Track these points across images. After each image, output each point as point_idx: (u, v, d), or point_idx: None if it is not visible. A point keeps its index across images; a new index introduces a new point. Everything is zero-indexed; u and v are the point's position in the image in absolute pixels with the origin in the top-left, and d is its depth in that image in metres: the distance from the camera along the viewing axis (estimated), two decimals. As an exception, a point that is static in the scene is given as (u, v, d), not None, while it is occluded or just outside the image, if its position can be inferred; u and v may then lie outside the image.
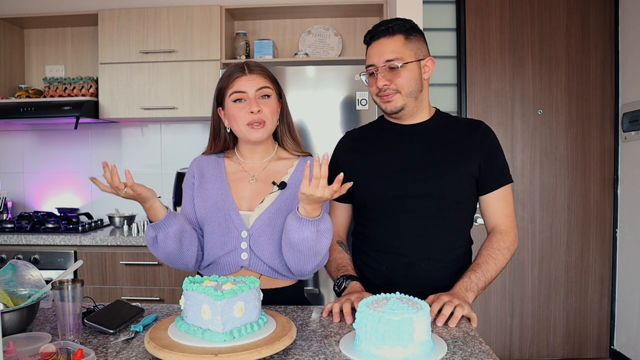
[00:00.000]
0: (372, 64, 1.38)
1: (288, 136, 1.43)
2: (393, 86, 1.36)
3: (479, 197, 1.45)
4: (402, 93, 1.37)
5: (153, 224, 1.27)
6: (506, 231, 1.40)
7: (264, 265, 1.34)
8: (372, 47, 1.40)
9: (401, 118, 1.44)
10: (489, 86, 2.97)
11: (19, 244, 2.49)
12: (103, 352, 1.01)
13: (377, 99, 1.42)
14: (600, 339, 2.99)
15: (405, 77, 1.36)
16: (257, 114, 1.31)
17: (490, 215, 1.44)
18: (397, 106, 1.39)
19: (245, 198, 1.37)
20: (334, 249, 1.45)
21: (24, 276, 1.23)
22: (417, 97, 1.41)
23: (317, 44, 2.94)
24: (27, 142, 3.13)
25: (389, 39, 1.37)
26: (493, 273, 1.34)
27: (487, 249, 1.38)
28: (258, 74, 1.34)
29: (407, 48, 1.37)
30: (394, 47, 1.36)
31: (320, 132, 2.41)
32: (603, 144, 2.95)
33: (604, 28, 2.92)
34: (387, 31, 1.37)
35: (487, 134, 1.43)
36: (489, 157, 1.41)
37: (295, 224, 1.19)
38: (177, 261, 1.35)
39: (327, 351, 1.00)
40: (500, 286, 2.98)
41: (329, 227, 1.23)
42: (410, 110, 1.41)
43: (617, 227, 2.95)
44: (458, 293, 1.25)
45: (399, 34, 1.37)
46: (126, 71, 2.75)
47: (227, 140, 1.44)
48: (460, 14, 2.96)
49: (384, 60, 1.36)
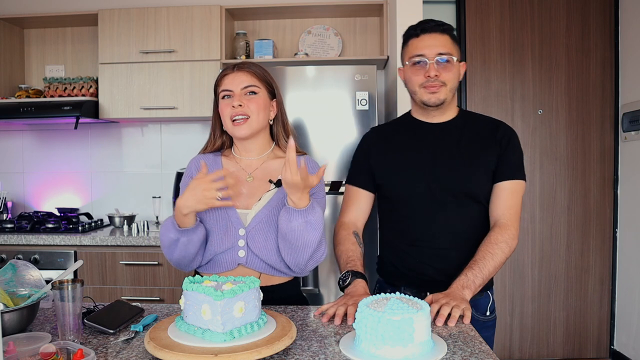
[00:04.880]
0: (423, 54, 1.42)
1: (283, 136, 1.45)
2: (442, 78, 1.42)
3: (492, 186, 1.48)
4: (447, 86, 1.43)
5: (181, 229, 1.27)
6: (506, 225, 1.42)
7: (261, 262, 1.35)
8: (421, 39, 1.43)
9: (433, 113, 1.49)
10: (489, 86, 2.97)
11: (19, 244, 2.49)
12: (103, 352, 1.01)
13: (421, 89, 1.45)
14: (600, 339, 2.99)
15: (453, 73, 1.43)
16: (238, 108, 1.34)
17: (494, 206, 1.46)
18: (440, 98, 1.44)
19: (243, 196, 1.38)
20: (347, 239, 1.47)
21: (24, 276, 1.24)
22: (454, 94, 1.48)
23: (317, 44, 2.94)
24: (27, 142, 3.12)
25: (440, 35, 1.43)
26: (491, 269, 1.35)
27: (485, 245, 1.39)
28: (245, 72, 1.37)
29: (455, 47, 1.45)
30: (446, 43, 1.42)
31: (320, 132, 2.41)
32: (603, 144, 2.95)
33: (604, 28, 2.92)
34: (439, 28, 1.43)
35: (508, 132, 1.50)
36: (506, 151, 1.46)
37: (285, 214, 1.24)
38: (186, 265, 1.37)
39: (327, 351, 1.00)
40: (500, 286, 2.98)
41: (319, 220, 1.25)
42: (446, 105, 1.47)
43: (617, 227, 2.95)
44: (455, 292, 1.26)
45: (448, 34, 1.44)
46: (126, 71, 2.75)
47: (225, 140, 1.46)
48: (460, 14, 2.96)
49: (437, 52, 1.41)
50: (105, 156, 3.09)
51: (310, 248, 1.27)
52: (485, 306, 1.48)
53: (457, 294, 1.26)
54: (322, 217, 1.26)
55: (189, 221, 1.27)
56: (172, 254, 1.33)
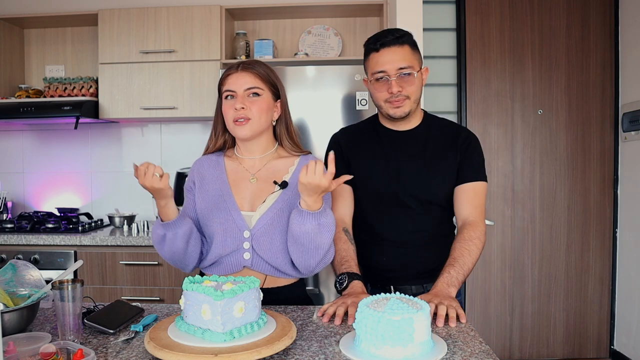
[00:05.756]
0: (384, 70, 1.44)
1: (286, 137, 1.45)
2: (405, 92, 1.44)
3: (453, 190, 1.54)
4: (411, 99, 1.46)
5: (164, 223, 1.29)
6: (475, 222, 1.46)
7: (267, 264, 1.35)
8: (381, 54, 1.44)
9: (399, 122, 1.53)
10: (489, 86, 2.97)
11: (19, 244, 2.49)
12: (103, 352, 1.01)
13: (386, 104, 1.48)
14: (600, 339, 2.99)
15: (415, 85, 1.46)
16: (240, 110, 1.33)
17: (460, 206, 1.51)
18: (405, 111, 1.48)
19: (247, 198, 1.38)
20: (339, 238, 1.48)
21: (24, 276, 1.24)
22: (418, 103, 1.52)
23: (317, 44, 2.94)
24: (27, 142, 3.12)
25: (399, 48, 1.44)
26: (470, 265, 1.39)
27: (459, 242, 1.43)
28: (249, 73, 1.36)
29: (414, 58, 1.47)
30: (405, 56, 1.44)
31: (320, 132, 2.41)
32: (603, 144, 2.95)
33: (604, 28, 2.92)
34: (397, 40, 1.44)
35: (468, 138, 1.54)
36: (466, 155, 1.51)
37: (297, 217, 1.24)
38: (180, 261, 1.37)
39: (327, 351, 1.00)
40: (500, 286, 2.99)
41: (331, 222, 1.26)
42: (411, 115, 1.51)
43: (617, 227, 2.95)
44: (442, 291, 1.28)
45: (407, 45, 1.45)
46: (126, 71, 2.75)
47: (227, 138, 1.46)
48: (460, 14, 2.96)
49: (397, 67, 1.43)
50: (105, 156, 3.09)
51: (323, 250, 1.28)
52: None
53: (444, 292, 1.28)
54: (333, 220, 1.28)
55: (170, 212, 1.28)
56: (162, 250, 1.35)
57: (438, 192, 1.51)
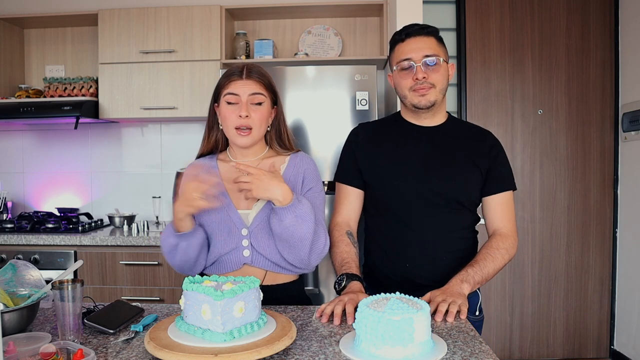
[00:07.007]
0: (409, 57, 1.42)
1: (275, 141, 1.45)
2: (430, 80, 1.42)
3: (482, 199, 1.50)
4: (436, 88, 1.43)
5: (179, 234, 1.30)
6: (507, 235, 1.45)
7: (266, 260, 1.36)
8: (407, 43, 1.44)
9: (424, 116, 1.49)
10: (489, 86, 2.97)
11: (19, 244, 2.48)
12: (103, 352, 1.01)
13: (410, 92, 1.44)
14: (600, 339, 2.99)
15: (441, 74, 1.43)
16: (245, 119, 1.34)
17: (492, 217, 1.49)
18: (430, 100, 1.43)
19: (242, 196, 1.39)
20: (341, 240, 1.46)
21: (24, 276, 1.24)
22: (444, 95, 1.48)
23: (317, 44, 2.94)
24: (27, 142, 3.12)
25: (425, 37, 1.44)
26: (490, 270, 1.37)
27: (486, 249, 1.42)
28: (254, 80, 1.36)
29: (440, 49, 1.45)
30: (431, 45, 1.43)
31: (320, 132, 2.41)
32: (603, 144, 2.95)
33: (604, 28, 2.92)
34: (423, 30, 1.44)
35: (496, 143, 1.51)
36: (496, 163, 1.48)
37: (274, 216, 1.27)
38: (190, 269, 1.38)
39: (327, 351, 1.00)
40: (500, 286, 2.99)
41: (308, 211, 1.28)
42: (436, 108, 1.47)
43: (617, 227, 2.95)
44: (452, 287, 1.28)
45: (432, 36, 1.45)
46: (126, 71, 2.75)
47: (219, 138, 1.46)
48: (460, 14, 2.96)
49: (423, 55, 1.41)
50: (105, 156, 3.09)
51: (307, 241, 1.29)
52: (475, 305, 1.48)
53: (454, 289, 1.27)
54: (310, 209, 1.29)
55: (186, 225, 1.29)
56: (173, 259, 1.35)
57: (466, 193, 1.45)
